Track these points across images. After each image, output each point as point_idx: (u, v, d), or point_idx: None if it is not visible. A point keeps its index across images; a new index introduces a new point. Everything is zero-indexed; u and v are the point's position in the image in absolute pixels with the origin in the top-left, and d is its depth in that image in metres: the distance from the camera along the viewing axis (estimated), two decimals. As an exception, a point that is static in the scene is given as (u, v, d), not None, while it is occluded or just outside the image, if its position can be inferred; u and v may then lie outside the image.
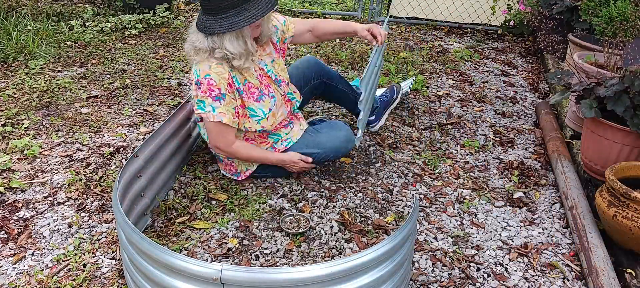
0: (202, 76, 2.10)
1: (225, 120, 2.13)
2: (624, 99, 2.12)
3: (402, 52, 4.30)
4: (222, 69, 2.12)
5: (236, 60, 2.13)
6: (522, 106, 3.43)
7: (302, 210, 2.21)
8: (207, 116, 2.13)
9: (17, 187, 2.31)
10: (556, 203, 2.36)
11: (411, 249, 1.62)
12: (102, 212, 2.17)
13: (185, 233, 2.05)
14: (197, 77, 2.12)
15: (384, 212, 2.24)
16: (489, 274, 1.92)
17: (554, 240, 2.13)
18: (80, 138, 2.75)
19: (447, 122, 3.11)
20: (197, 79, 2.12)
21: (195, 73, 2.13)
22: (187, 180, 2.40)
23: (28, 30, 4.17)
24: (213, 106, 2.12)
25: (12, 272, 1.83)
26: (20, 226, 2.07)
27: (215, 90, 2.11)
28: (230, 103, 2.15)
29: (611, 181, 1.91)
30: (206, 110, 2.12)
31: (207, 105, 2.12)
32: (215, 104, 2.11)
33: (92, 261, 1.89)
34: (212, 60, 2.13)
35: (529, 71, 4.10)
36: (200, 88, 2.11)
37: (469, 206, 2.32)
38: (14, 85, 3.34)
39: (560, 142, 2.74)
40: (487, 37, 5.04)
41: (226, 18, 2.04)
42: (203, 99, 2.12)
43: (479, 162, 2.71)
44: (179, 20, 4.98)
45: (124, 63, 3.87)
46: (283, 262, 1.91)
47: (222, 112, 2.12)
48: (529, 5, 4.46)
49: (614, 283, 1.76)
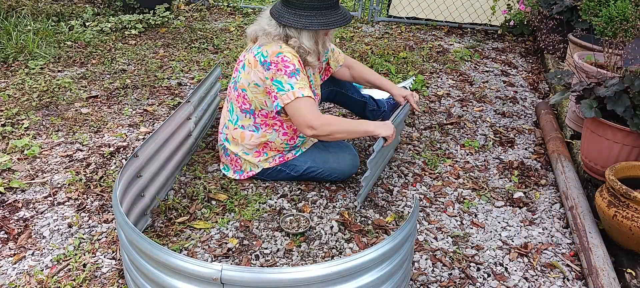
0: (273, 55, 2.09)
1: (305, 93, 2.06)
2: (624, 99, 2.12)
3: (402, 52, 4.30)
4: (292, 49, 2.14)
5: (310, 55, 2.17)
6: (522, 106, 3.43)
7: (302, 210, 2.21)
8: (288, 96, 2.06)
9: (17, 187, 2.31)
10: (556, 203, 2.36)
11: (411, 249, 1.62)
12: (102, 212, 2.17)
13: (185, 233, 2.05)
14: (265, 58, 2.11)
15: (384, 212, 2.24)
16: (489, 274, 1.92)
17: (554, 240, 2.13)
18: (80, 138, 2.75)
19: (447, 122, 3.11)
20: (266, 59, 2.11)
21: (261, 55, 2.12)
22: (187, 180, 2.40)
23: (28, 30, 4.17)
24: (291, 83, 2.06)
25: (12, 272, 1.83)
26: (20, 226, 2.07)
27: (289, 66, 2.08)
28: (304, 79, 2.13)
29: (611, 181, 1.91)
30: (285, 90, 2.07)
31: (284, 83, 2.07)
32: (291, 80, 2.07)
33: (92, 261, 1.89)
34: (281, 43, 2.14)
35: (529, 71, 4.10)
36: (271, 68, 2.09)
37: (469, 206, 2.32)
38: (14, 85, 3.34)
39: (560, 142, 2.74)
40: (487, 37, 5.05)
41: (305, 16, 2.10)
42: (279, 77, 2.08)
43: (479, 162, 2.71)
44: (179, 20, 4.98)
45: (124, 63, 3.87)
46: (283, 262, 1.91)
47: (301, 86, 2.07)
48: (529, 5, 4.46)
49: (614, 283, 1.76)
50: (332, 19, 2.15)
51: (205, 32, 4.76)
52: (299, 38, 2.14)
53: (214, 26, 4.99)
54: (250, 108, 2.24)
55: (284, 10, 2.14)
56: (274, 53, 2.10)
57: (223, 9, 5.72)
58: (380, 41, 4.69)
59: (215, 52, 4.23)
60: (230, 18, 5.38)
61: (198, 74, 3.71)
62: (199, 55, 4.14)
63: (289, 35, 2.15)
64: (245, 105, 2.24)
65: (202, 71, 3.78)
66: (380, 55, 4.17)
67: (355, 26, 5.25)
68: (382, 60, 4.01)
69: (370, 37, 4.84)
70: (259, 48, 2.17)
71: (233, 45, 4.42)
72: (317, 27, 2.12)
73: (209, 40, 4.50)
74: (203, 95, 2.70)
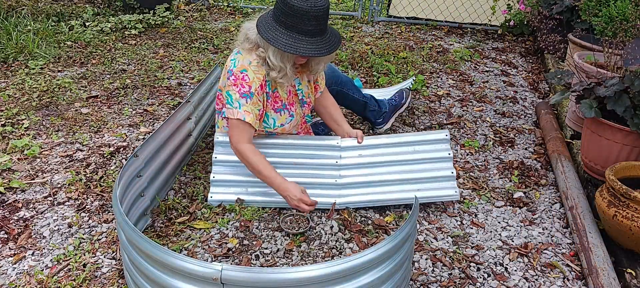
0: (238, 69, 2.11)
1: (247, 119, 2.10)
2: (624, 99, 2.12)
3: (402, 52, 4.30)
4: (259, 69, 2.13)
5: (273, 72, 2.12)
6: (522, 106, 3.43)
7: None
8: (232, 112, 2.11)
9: (17, 187, 2.31)
10: (556, 203, 2.36)
11: (411, 249, 1.62)
12: (102, 212, 2.17)
13: (185, 233, 2.05)
14: (233, 67, 2.13)
15: (384, 212, 2.24)
16: (489, 274, 1.92)
17: (554, 240, 2.13)
18: (80, 138, 2.75)
19: (447, 122, 3.11)
20: (232, 69, 2.12)
21: (232, 62, 2.14)
22: (187, 180, 2.40)
23: (28, 30, 4.18)
24: (239, 102, 2.09)
25: (12, 272, 1.83)
26: (20, 226, 2.07)
27: (245, 86, 2.10)
28: (256, 104, 2.13)
29: (611, 181, 1.91)
30: (233, 106, 2.10)
31: (234, 100, 2.10)
32: (242, 100, 2.09)
33: (92, 261, 1.89)
34: (254, 55, 2.14)
35: (529, 71, 4.10)
36: (230, 79, 2.12)
37: (469, 206, 2.32)
38: (14, 85, 3.34)
39: (560, 142, 2.74)
40: (487, 37, 5.05)
41: (278, 31, 2.03)
42: (231, 92, 2.11)
43: (479, 162, 2.71)
44: (179, 20, 4.98)
45: (124, 63, 3.87)
46: (283, 262, 1.91)
47: (247, 110, 2.10)
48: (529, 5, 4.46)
49: (614, 283, 1.76)
50: (304, 45, 2.02)
51: (205, 32, 4.76)
52: (266, 50, 2.10)
53: (214, 26, 4.99)
54: (221, 110, 2.32)
55: (265, 18, 2.10)
56: (240, 67, 2.11)
57: (223, 9, 5.72)
58: (380, 41, 4.69)
59: (215, 52, 4.23)
60: (230, 18, 5.38)
61: (198, 74, 3.71)
62: (199, 55, 4.14)
63: (258, 45, 2.13)
64: (218, 106, 2.34)
65: (202, 71, 3.79)
66: (380, 55, 4.17)
67: (355, 26, 5.25)
68: (382, 60, 4.01)
69: (370, 37, 4.84)
70: (236, 55, 2.18)
71: (233, 45, 4.42)
72: (281, 46, 2.01)
73: (209, 40, 4.50)
74: (203, 95, 2.70)
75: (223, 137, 2.26)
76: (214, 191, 2.22)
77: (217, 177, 2.22)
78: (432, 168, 2.29)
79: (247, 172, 2.20)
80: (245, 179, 2.22)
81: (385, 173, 2.27)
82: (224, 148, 2.24)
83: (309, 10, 1.99)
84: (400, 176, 2.26)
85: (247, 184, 2.23)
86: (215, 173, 2.22)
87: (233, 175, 2.23)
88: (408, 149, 2.32)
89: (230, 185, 2.23)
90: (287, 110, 2.27)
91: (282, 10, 2.02)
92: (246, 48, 2.16)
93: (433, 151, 2.31)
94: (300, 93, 2.34)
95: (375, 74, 3.78)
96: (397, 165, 2.29)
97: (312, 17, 2.00)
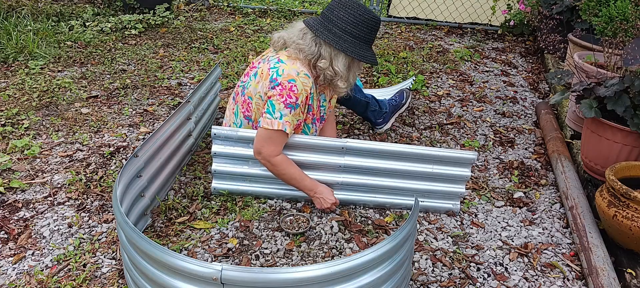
0: (286, 79, 2.02)
1: (288, 129, 2.03)
2: (624, 99, 2.12)
3: (402, 52, 4.30)
4: (307, 80, 2.06)
5: (341, 80, 2.09)
6: (522, 106, 3.43)
7: (302, 210, 2.21)
8: (271, 122, 2.02)
9: (17, 187, 2.31)
10: (556, 203, 2.36)
11: (411, 249, 1.62)
12: (102, 212, 2.17)
13: (185, 233, 2.05)
14: (278, 76, 2.04)
15: (384, 212, 2.24)
16: (489, 274, 1.92)
17: (554, 240, 2.13)
18: (80, 138, 2.75)
19: (447, 122, 3.11)
20: (278, 79, 2.03)
21: (276, 72, 2.05)
22: (187, 180, 2.40)
23: (28, 30, 4.17)
24: (282, 113, 2.02)
25: (12, 272, 1.83)
26: (21, 226, 2.07)
27: (292, 97, 2.02)
28: (298, 115, 2.08)
29: (611, 181, 1.91)
30: (273, 116, 2.02)
31: (276, 110, 2.02)
32: (285, 111, 2.02)
33: (92, 261, 1.89)
34: (299, 65, 2.06)
35: (529, 71, 4.10)
36: (276, 88, 2.03)
37: (469, 206, 2.32)
38: (14, 85, 3.34)
39: (560, 142, 2.74)
40: (487, 37, 5.04)
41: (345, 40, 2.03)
42: (275, 102, 2.02)
43: (479, 162, 2.71)
44: (179, 20, 4.98)
45: (124, 63, 3.87)
46: (283, 262, 1.91)
47: (288, 121, 2.03)
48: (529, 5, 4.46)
49: (614, 283, 1.76)
50: (368, 53, 2.08)
51: (205, 32, 4.76)
52: (334, 60, 2.06)
53: (214, 26, 4.99)
54: (252, 117, 2.21)
55: (322, 26, 2.04)
56: (288, 77, 2.03)
57: (223, 9, 5.72)
58: (380, 41, 4.69)
59: (215, 52, 4.23)
60: (230, 18, 5.37)
61: (198, 74, 3.71)
62: (199, 55, 4.14)
63: (321, 56, 2.06)
64: (248, 112, 2.22)
65: (202, 71, 3.78)
66: (380, 55, 4.17)
67: (355, 26, 5.24)
68: (382, 60, 4.01)
69: (370, 37, 4.84)
70: (278, 63, 2.07)
71: (233, 45, 4.42)
72: (354, 55, 2.03)
73: (209, 40, 4.50)
74: (203, 95, 2.70)
75: (218, 129, 2.17)
76: (216, 182, 2.24)
77: (218, 169, 2.21)
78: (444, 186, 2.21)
79: (247, 164, 2.20)
80: (246, 171, 2.22)
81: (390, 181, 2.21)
82: (221, 141, 2.20)
83: (378, 22, 2.08)
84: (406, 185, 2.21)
85: (248, 177, 2.23)
86: (216, 165, 2.21)
87: (233, 166, 2.22)
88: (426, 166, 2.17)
89: (232, 177, 2.24)
90: (315, 124, 2.27)
91: (353, 21, 2.02)
92: (287, 58, 2.08)
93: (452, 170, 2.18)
94: (323, 109, 2.33)
95: (375, 74, 3.78)
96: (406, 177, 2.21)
97: (377, 28, 2.09)
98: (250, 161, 2.20)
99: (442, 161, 2.16)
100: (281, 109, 2.02)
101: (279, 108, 2.02)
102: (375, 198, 2.24)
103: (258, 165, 2.19)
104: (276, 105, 2.02)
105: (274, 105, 2.03)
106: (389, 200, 2.24)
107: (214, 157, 2.20)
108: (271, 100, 2.04)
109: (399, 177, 2.20)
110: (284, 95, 2.02)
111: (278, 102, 2.02)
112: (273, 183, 2.24)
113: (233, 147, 2.18)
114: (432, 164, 2.16)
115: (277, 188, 2.25)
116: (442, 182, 2.19)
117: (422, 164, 2.17)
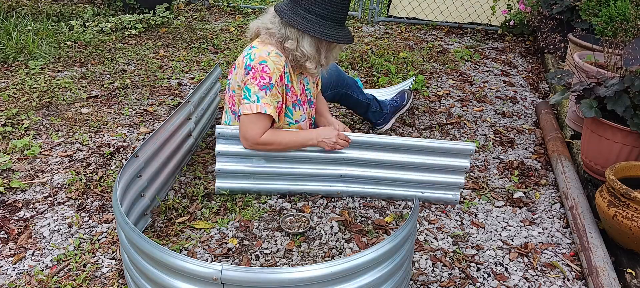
0: (257, 62, 2.05)
1: (268, 111, 2.04)
2: (624, 99, 2.12)
3: (402, 52, 4.30)
4: (279, 59, 2.09)
5: (309, 61, 2.10)
6: (522, 106, 3.43)
7: (302, 210, 2.21)
8: (250, 107, 2.04)
9: (17, 187, 2.31)
10: (556, 203, 2.36)
11: (411, 249, 1.62)
12: (102, 212, 2.17)
13: (185, 233, 2.05)
14: (250, 61, 2.07)
15: (384, 212, 2.24)
16: (489, 274, 1.92)
17: (554, 240, 2.13)
18: (80, 138, 2.75)
19: (447, 122, 3.11)
20: (251, 63, 2.06)
21: (249, 57, 2.08)
22: (187, 180, 2.40)
23: (28, 30, 4.17)
24: (258, 96, 2.04)
25: (12, 272, 1.83)
26: (21, 226, 2.07)
27: (266, 78, 2.04)
28: (275, 96, 2.08)
29: (611, 181, 1.91)
30: (251, 100, 2.04)
31: (252, 94, 2.04)
32: (261, 93, 2.04)
33: (92, 261, 1.89)
34: (271, 47, 2.09)
35: (529, 71, 4.10)
36: (250, 73, 2.06)
37: (469, 206, 2.32)
38: (14, 85, 3.34)
39: (560, 142, 2.74)
40: (487, 37, 5.04)
41: (310, 20, 2.04)
42: (250, 86, 2.05)
43: (479, 162, 2.71)
44: (179, 20, 4.98)
45: (124, 63, 3.87)
46: (283, 262, 1.91)
47: (267, 103, 2.04)
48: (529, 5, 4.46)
49: (614, 283, 1.76)
50: (336, 32, 2.07)
51: (205, 32, 4.76)
52: (300, 41, 2.08)
53: (214, 26, 4.99)
54: (237, 110, 2.22)
55: (289, 8, 2.07)
56: (259, 59, 2.05)
57: (223, 9, 5.72)
58: (380, 41, 4.69)
59: (215, 52, 4.23)
60: (230, 18, 5.37)
61: (198, 74, 3.71)
62: (199, 55, 4.14)
63: (287, 36, 2.09)
64: (233, 107, 2.25)
65: (202, 71, 3.78)
66: (380, 55, 4.17)
67: (356, 26, 5.25)
68: (382, 60, 4.01)
69: (370, 37, 4.84)
70: (250, 49, 2.12)
71: (233, 45, 4.42)
72: (319, 35, 2.04)
73: (209, 40, 4.50)
74: (203, 95, 2.70)
75: (222, 129, 2.18)
76: (219, 182, 2.24)
77: (222, 168, 2.22)
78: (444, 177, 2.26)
79: (250, 161, 2.20)
80: (250, 169, 2.22)
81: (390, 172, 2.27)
82: (225, 140, 2.21)
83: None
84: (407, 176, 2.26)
85: (252, 174, 2.24)
86: (219, 164, 2.21)
87: (237, 165, 2.22)
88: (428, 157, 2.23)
89: (235, 176, 2.24)
90: (300, 106, 2.26)
91: (318, 1, 2.03)
92: (259, 42, 2.12)
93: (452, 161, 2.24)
94: (309, 93, 2.34)
95: (375, 74, 3.78)
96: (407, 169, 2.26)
97: (344, 5, 2.07)
98: (254, 158, 2.20)
99: (441, 152, 2.22)
100: (256, 92, 2.04)
101: (255, 91, 2.05)
102: (376, 190, 2.29)
103: (262, 162, 2.20)
104: (252, 89, 2.05)
105: (250, 90, 2.06)
106: (389, 191, 2.29)
107: (217, 156, 2.20)
108: (247, 86, 2.07)
109: (399, 168, 2.25)
110: (257, 77, 2.05)
111: (252, 85, 2.05)
112: (277, 179, 2.26)
113: (237, 145, 2.19)
114: (432, 156, 2.22)
115: (280, 184, 2.27)
116: (442, 172, 2.25)
117: (422, 156, 2.22)
